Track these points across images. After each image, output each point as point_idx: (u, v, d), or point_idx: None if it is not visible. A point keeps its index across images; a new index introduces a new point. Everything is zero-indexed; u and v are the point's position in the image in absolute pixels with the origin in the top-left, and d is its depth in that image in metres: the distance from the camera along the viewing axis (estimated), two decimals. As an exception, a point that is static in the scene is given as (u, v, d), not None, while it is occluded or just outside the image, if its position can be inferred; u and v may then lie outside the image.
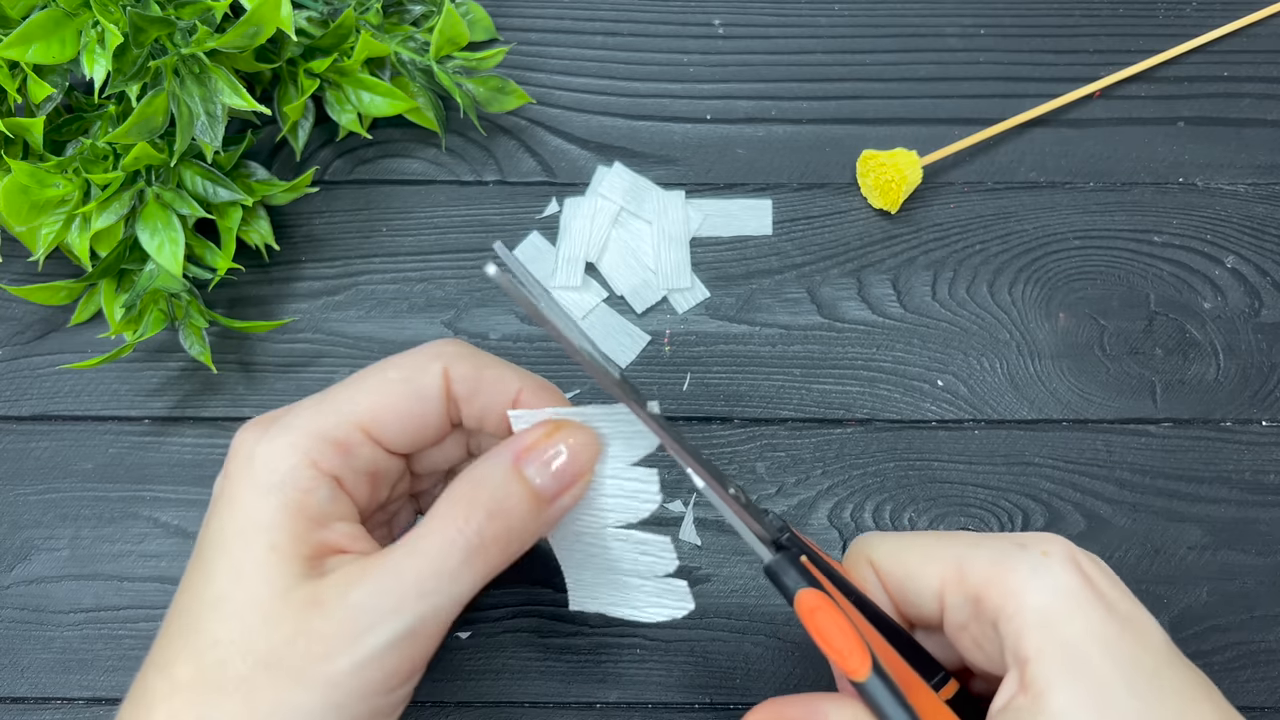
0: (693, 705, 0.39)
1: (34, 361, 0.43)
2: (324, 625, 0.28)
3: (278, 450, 0.29)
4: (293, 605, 0.28)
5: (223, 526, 0.29)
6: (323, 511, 0.29)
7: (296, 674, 0.27)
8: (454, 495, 0.29)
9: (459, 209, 0.46)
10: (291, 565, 0.28)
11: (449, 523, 0.29)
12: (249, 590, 0.28)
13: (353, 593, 0.28)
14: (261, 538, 0.28)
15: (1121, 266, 0.45)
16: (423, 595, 0.28)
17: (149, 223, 0.40)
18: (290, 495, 0.29)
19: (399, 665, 0.28)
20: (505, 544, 0.29)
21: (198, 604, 0.29)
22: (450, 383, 0.31)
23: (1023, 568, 0.28)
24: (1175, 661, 0.27)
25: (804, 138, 0.47)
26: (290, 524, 0.29)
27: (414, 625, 0.28)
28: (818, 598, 0.29)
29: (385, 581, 0.28)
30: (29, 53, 0.37)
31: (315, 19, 0.44)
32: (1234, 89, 0.48)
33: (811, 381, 0.43)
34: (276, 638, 0.28)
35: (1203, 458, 0.42)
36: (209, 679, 0.28)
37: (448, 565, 0.28)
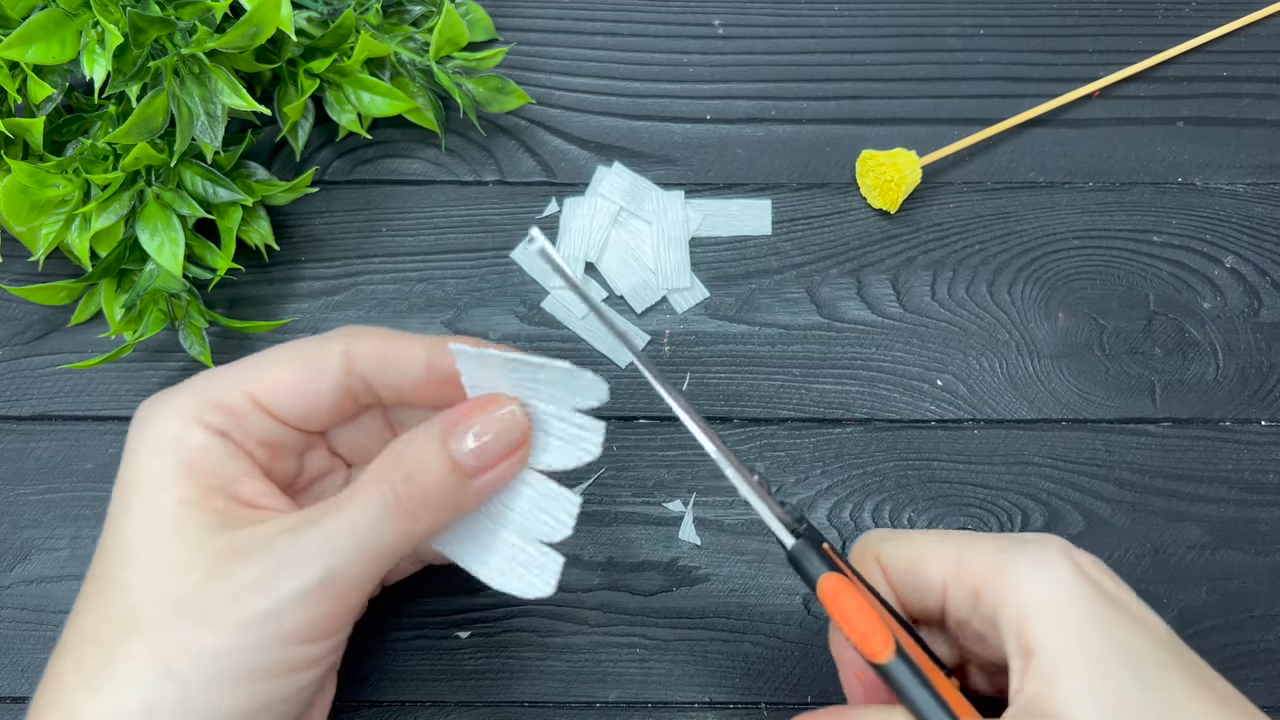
0: (692, 705, 0.39)
1: (34, 361, 0.43)
2: (238, 570, 0.28)
3: (167, 411, 0.30)
4: (207, 554, 0.28)
5: (126, 485, 0.29)
6: (223, 469, 0.30)
7: (205, 616, 0.27)
8: (383, 455, 0.30)
9: (459, 209, 0.46)
10: (204, 517, 0.29)
11: (368, 482, 0.29)
12: (160, 540, 0.28)
13: (272, 541, 0.28)
14: (169, 492, 0.29)
15: (1121, 266, 0.45)
16: (336, 548, 0.28)
17: (149, 223, 0.40)
18: (184, 453, 0.29)
19: (313, 615, 0.28)
20: (421, 507, 0.30)
21: (109, 557, 0.29)
22: (353, 360, 0.31)
23: (1021, 562, 0.28)
24: (1178, 648, 0.28)
25: (804, 138, 0.47)
26: (193, 479, 0.29)
27: (325, 575, 0.28)
28: (841, 581, 0.29)
29: (301, 532, 0.28)
30: (29, 53, 0.37)
31: (315, 19, 0.44)
32: (1233, 89, 0.48)
33: (811, 381, 0.43)
34: (188, 583, 0.28)
35: (1202, 457, 0.42)
36: (117, 624, 0.28)
37: (364, 520, 0.29)
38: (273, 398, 0.31)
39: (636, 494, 0.41)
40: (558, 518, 0.32)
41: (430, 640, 0.39)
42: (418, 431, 0.31)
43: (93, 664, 0.28)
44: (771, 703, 0.39)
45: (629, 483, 0.41)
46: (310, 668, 0.29)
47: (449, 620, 0.40)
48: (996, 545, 0.29)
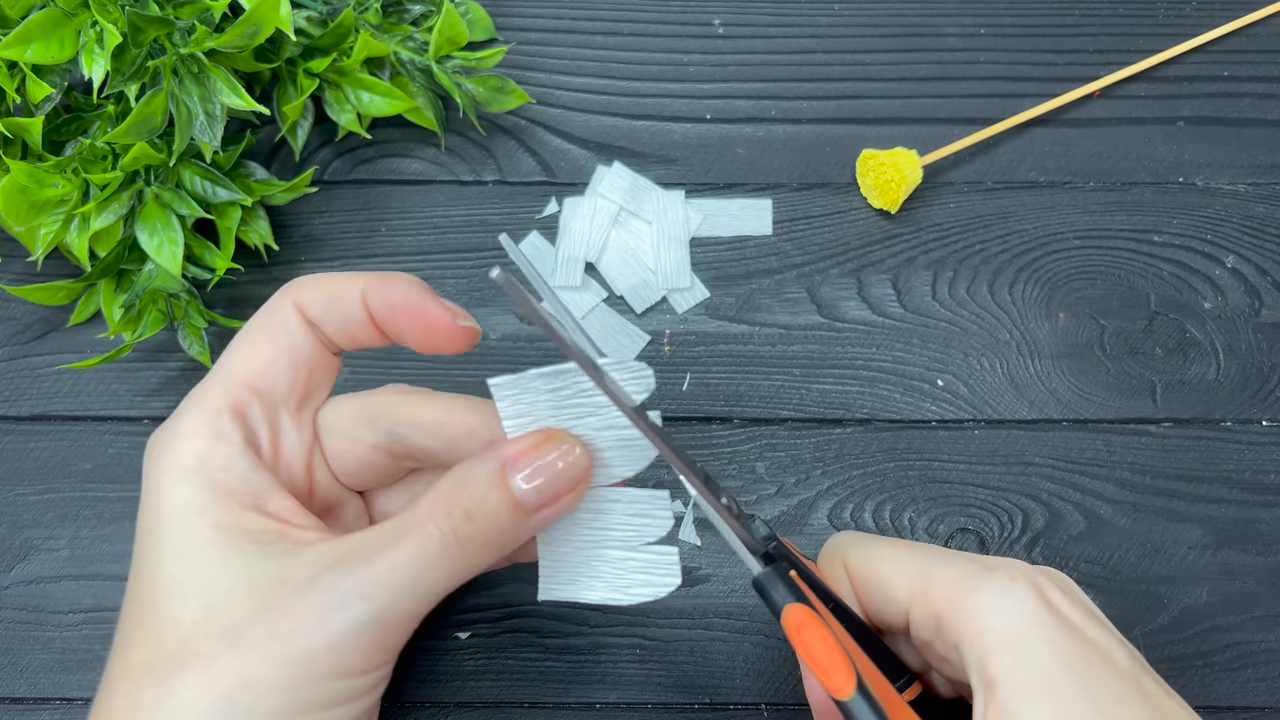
0: (692, 705, 0.39)
1: (33, 361, 0.43)
2: (294, 602, 0.27)
3: (183, 436, 0.29)
4: (255, 583, 0.28)
5: (157, 517, 0.29)
6: (249, 486, 0.29)
7: (263, 648, 0.27)
8: (436, 491, 0.29)
9: (459, 209, 0.46)
10: (241, 543, 0.28)
11: (427, 517, 0.29)
12: (203, 571, 0.28)
13: (324, 574, 0.28)
14: (202, 519, 0.28)
15: (1121, 266, 0.45)
16: (393, 583, 0.28)
17: (148, 223, 0.40)
18: (211, 475, 0.29)
19: (370, 648, 0.28)
20: (480, 547, 0.29)
21: (151, 590, 0.28)
22: (304, 310, 0.31)
23: (985, 592, 0.28)
24: (1144, 682, 0.27)
25: (804, 138, 0.47)
26: (224, 502, 0.29)
27: (383, 611, 0.28)
28: (804, 613, 0.29)
29: (356, 565, 0.28)
30: (28, 53, 0.37)
31: (314, 19, 0.44)
32: (1234, 89, 0.48)
33: (811, 381, 0.43)
34: (240, 615, 0.27)
35: (1203, 457, 0.42)
36: (170, 657, 0.27)
37: (420, 557, 0.28)
38: (262, 377, 0.31)
39: (636, 494, 0.41)
40: (654, 516, 0.32)
41: (430, 640, 0.39)
42: (476, 465, 0.30)
43: (149, 696, 0.27)
44: (772, 703, 0.39)
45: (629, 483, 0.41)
46: (363, 697, 0.29)
47: (449, 620, 0.39)
48: (962, 571, 0.29)
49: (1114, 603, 0.40)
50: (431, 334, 0.31)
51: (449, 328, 0.31)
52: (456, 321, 0.31)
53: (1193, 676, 0.39)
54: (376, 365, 0.43)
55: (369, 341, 0.32)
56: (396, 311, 0.31)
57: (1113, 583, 0.40)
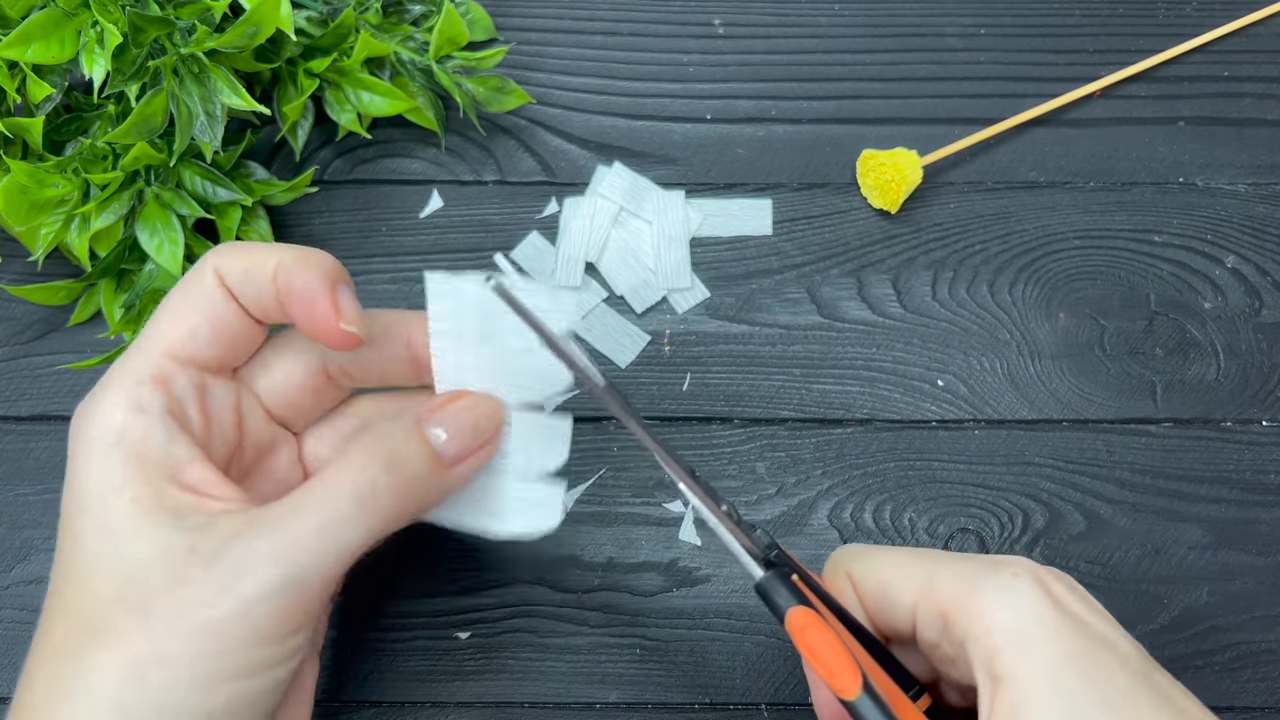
0: (693, 705, 0.39)
1: (33, 361, 0.43)
2: (203, 573, 0.27)
3: (103, 407, 0.29)
4: (167, 556, 0.27)
5: (78, 492, 0.29)
6: (168, 456, 0.29)
7: (173, 622, 0.27)
8: (353, 447, 0.29)
9: (458, 209, 0.46)
10: (159, 517, 0.28)
11: (342, 472, 0.29)
12: (121, 545, 0.28)
13: (233, 541, 0.28)
14: (120, 495, 0.28)
15: (1122, 266, 0.45)
16: (305, 545, 0.28)
17: (148, 223, 0.40)
18: (130, 448, 0.29)
19: (285, 613, 0.28)
20: (399, 498, 0.29)
21: (71, 567, 0.28)
22: (224, 278, 0.31)
23: (990, 589, 0.28)
24: (1151, 675, 0.27)
25: (804, 138, 0.47)
26: (142, 475, 0.28)
27: (298, 573, 0.27)
28: (808, 616, 0.29)
29: (269, 529, 0.28)
30: (28, 52, 0.37)
31: (314, 19, 0.44)
32: (1234, 89, 0.48)
33: (811, 381, 0.43)
34: (151, 588, 0.27)
35: (1203, 458, 0.42)
36: (87, 633, 0.27)
37: (334, 515, 0.28)
38: (185, 346, 0.30)
39: (636, 494, 0.41)
40: (553, 445, 0.31)
41: (430, 640, 0.39)
42: (394, 421, 0.30)
43: (65, 674, 0.27)
44: (772, 703, 0.39)
45: (629, 483, 0.41)
46: (285, 662, 0.29)
47: (449, 620, 0.39)
48: (965, 570, 0.29)
49: (1114, 603, 0.40)
50: (315, 329, 0.31)
51: (331, 327, 0.30)
52: (339, 324, 0.30)
53: (1193, 676, 0.39)
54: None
55: (282, 320, 0.32)
56: (292, 296, 0.30)
57: (1113, 583, 0.40)
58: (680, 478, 0.30)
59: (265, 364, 0.33)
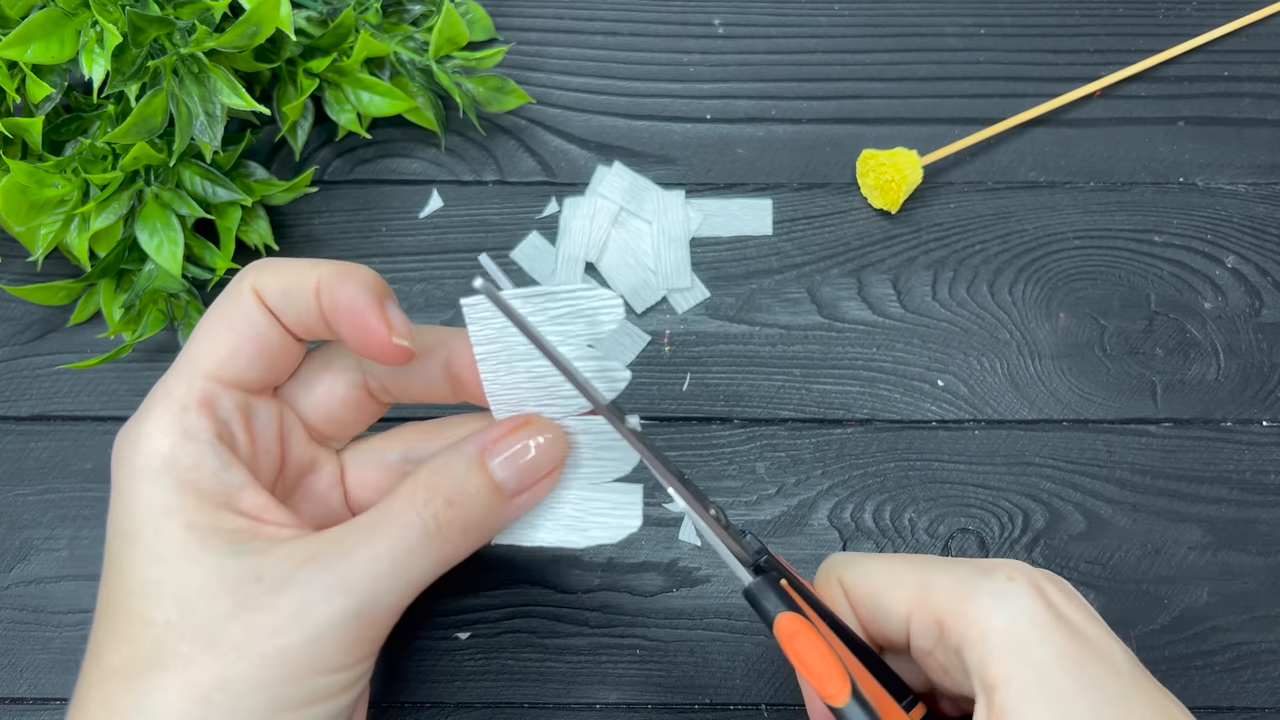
0: (693, 706, 0.39)
1: (33, 362, 0.43)
2: (273, 600, 0.27)
3: (150, 434, 0.29)
4: (229, 582, 0.27)
5: (129, 519, 0.28)
6: (220, 483, 0.29)
7: (241, 648, 0.27)
8: (415, 480, 0.29)
9: (458, 209, 0.46)
10: (214, 543, 0.28)
11: (406, 506, 0.29)
12: (177, 572, 0.27)
13: (301, 569, 0.27)
14: (173, 520, 0.28)
15: (1122, 266, 0.45)
16: (374, 576, 0.28)
17: (148, 223, 0.40)
18: (181, 475, 0.28)
19: (352, 643, 0.28)
20: (462, 533, 0.29)
21: (124, 593, 0.28)
22: (264, 297, 0.30)
23: (985, 594, 0.28)
24: (1141, 683, 0.27)
25: (804, 137, 0.47)
26: (195, 502, 0.28)
27: (364, 605, 0.27)
28: (797, 622, 0.29)
29: (335, 559, 0.28)
30: (28, 52, 0.37)
31: (314, 18, 0.44)
32: (1234, 89, 0.48)
33: (811, 381, 0.43)
34: (216, 614, 0.27)
35: (1203, 458, 0.42)
36: (145, 660, 0.27)
37: (401, 548, 0.28)
38: (227, 367, 0.30)
39: (637, 494, 0.41)
40: (620, 450, 0.31)
41: (430, 640, 0.39)
42: (454, 452, 0.30)
43: (124, 701, 0.27)
44: (772, 704, 0.39)
45: (629, 483, 0.41)
46: (349, 689, 0.29)
47: (449, 620, 0.39)
48: (960, 576, 0.29)
49: (1114, 603, 0.40)
50: (366, 344, 0.30)
51: (383, 342, 0.30)
52: (392, 339, 0.30)
53: (1193, 677, 0.39)
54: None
55: (326, 336, 0.31)
56: (339, 313, 0.30)
57: (1113, 583, 0.40)
58: (669, 481, 0.29)
59: (306, 381, 0.33)
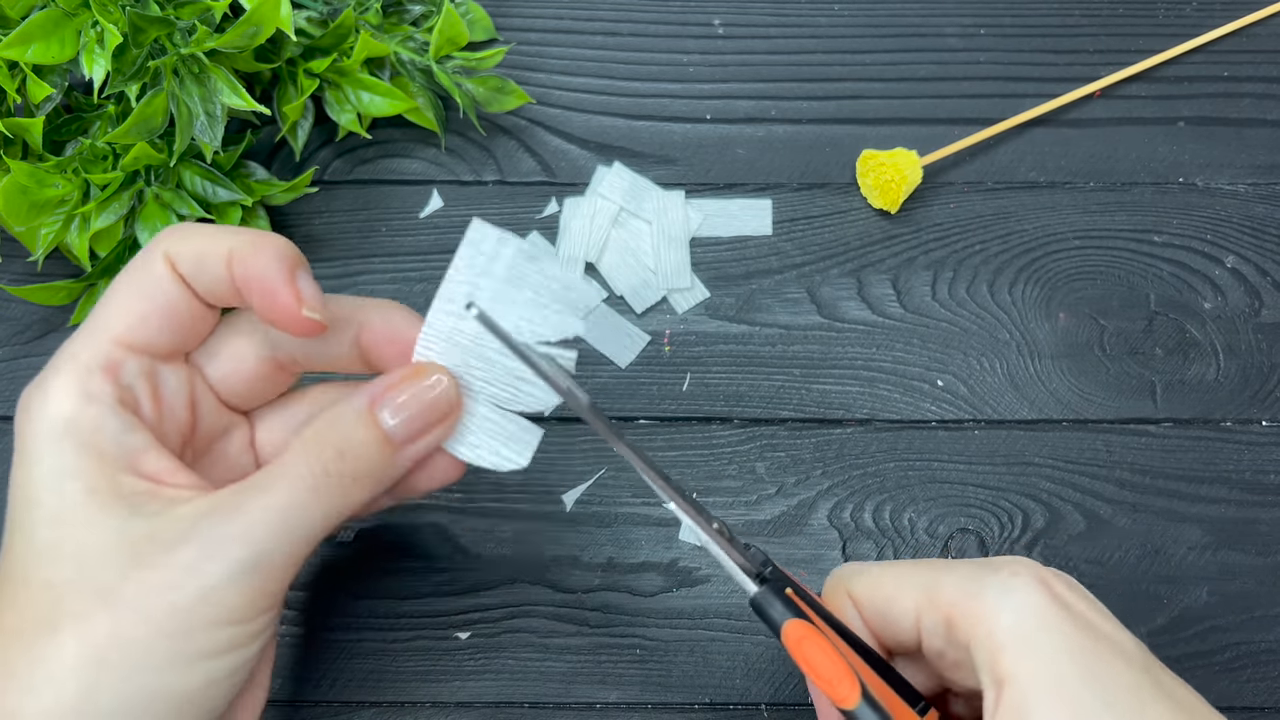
0: (693, 705, 0.39)
1: (33, 361, 0.43)
2: (166, 557, 0.27)
3: (53, 395, 0.29)
4: (127, 542, 0.27)
5: (29, 481, 0.28)
6: (122, 446, 0.29)
7: (136, 606, 0.27)
8: (305, 433, 0.30)
9: (458, 209, 0.46)
10: (114, 505, 0.28)
11: (296, 458, 0.29)
12: (75, 534, 0.27)
13: (195, 526, 0.28)
14: (75, 484, 0.28)
15: (1121, 266, 0.45)
16: (267, 527, 0.28)
17: (148, 223, 0.40)
18: (82, 438, 0.28)
19: (247, 597, 0.28)
20: (352, 483, 0.29)
21: (23, 555, 0.28)
22: (176, 263, 0.30)
23: (991, 590, 0.28)
24: (1153, 671, 0.27)
25: (804, 138, 0.47)
26: (96, 465, 0.28)
27: (258, 557, 0.28)
28: (804, 628, 0.29)
29: (228, 514, 0.28)
30: (28, 53, 0.37)
31: (315, 19, 0.44)
32: (1234, 89, 0.48)
33: (811, 381, 0.43)
34: (111, 574, 0.27)
35: (1203, 458, 0.42)
36: (42, 621, 0.27)
37: (293, 499, 0.28)
38: (135, 332, 0.30)
39: (636, 494, 0.41)
40: (537, 385, 0.31)
41: (430, 640, 0.39)
42: (344, 404, 0.30)
43: (23, 663, 0.27)
44: (772, 704, 0.39)
45: (629, 483, 0.41)
46: (248, 644, 0.29)
47: (449, 620, 0.39)
48: (967, 574, 0.29)
49: (1114, 603, 0.40)
50: (275, 315, 0.30)
51: (292, 314, 0.30)
52: (302, 311, 0.30)
53: (1193, 676, 0.39)
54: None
55: (237, 304, 0.31)
56: (250, 282, 0.30)
57: (1113, 583, 0.40)
58: (670, 497, 0.29)
59: (214, 349, 0.33)
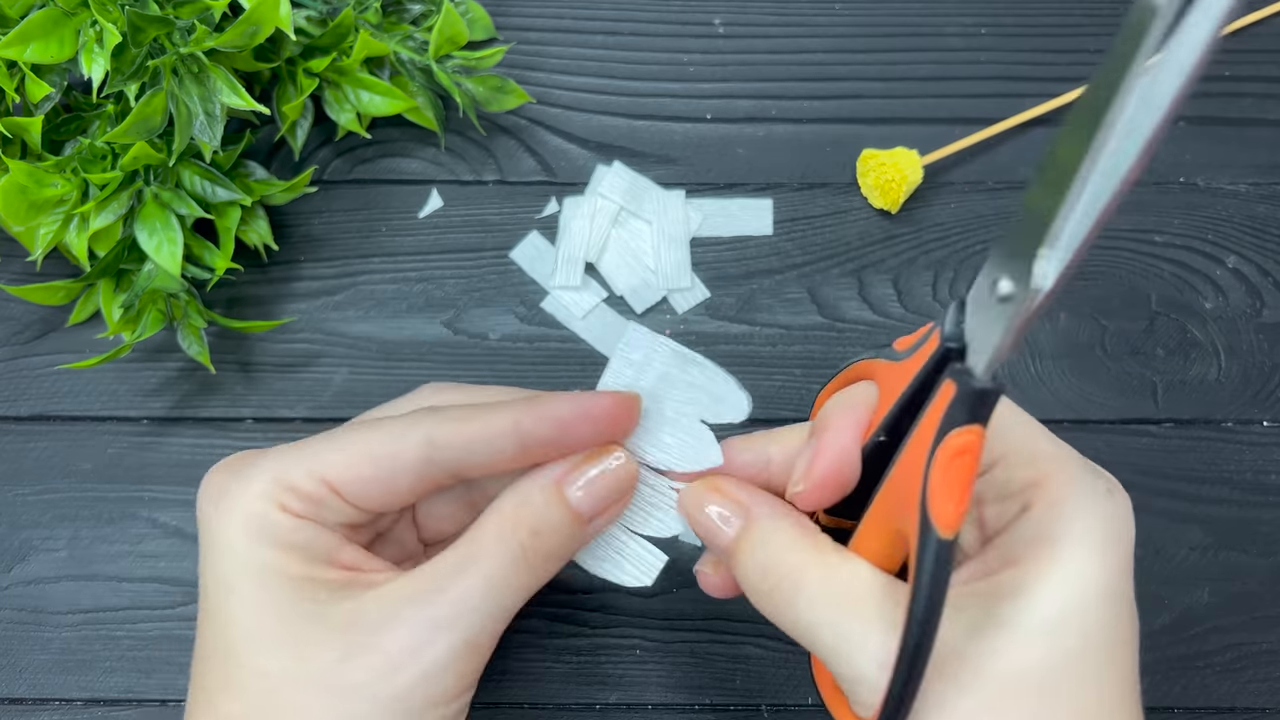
0: (693, 706, 0.39)
1: (32, 362, 0.43)
2: (380, 640, 0.28)
3: (252, 495, 0.29)
4: (337, 627, 0.28)
5: (227, 570, 0.29)
6: (318, 544, 0.29)
7: (358, 692, 0.27)
8: (499, 513, 0.30)
9: (458, 209, 0.46)
10: (315, 592, 0.28)
11: (495, 538, 0.29)
12: (281, 621, 0.28)
13: (404, 608, 0.28)
14: (272, 573, 0.28)
15: (1122, 266, 0.45)
16: (475, 608, 0.29)
17: (147, 222, 0.40)
18: (279, 534, 0.29)
19: (458, 676, 0.29)
20: (546, 559, 0.30)
21: (227, 643, 0.28)
22: (435, 450, 0.30)
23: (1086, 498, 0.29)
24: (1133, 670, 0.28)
25: (804, 137, 0.47)
26: (295, 557, 0.29)
27: (469, 636, 0.28)
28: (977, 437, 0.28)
29: (435, 594, 0.28)
30: (27, 52, 0.37)
31: (314, 18, 0.44)
32: (1235, 89, 0.48)
33: (811, 381, 0.43)
34: (328, 660, 0.28)
35: (1204, 458, 0.42)
36: (263, 709, 0.27)
37: (496, 578, 0.29)
38: (350, 488, 0.30)
39: (637, 495, 0.41)
40: (666, 512, 0.32)
41: (430, 641, 0.39)
42: (531, 483, 0.30)
43: None
44: (773, 705, 0.39)
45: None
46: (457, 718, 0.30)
47: (448, 621, 0.39)
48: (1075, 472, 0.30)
49: (1115, 603, 0.40)
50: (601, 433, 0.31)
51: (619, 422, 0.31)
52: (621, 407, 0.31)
53: (1193, 677, 0.39)
54: (377, 365, 0.43)
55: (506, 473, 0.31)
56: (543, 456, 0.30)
57: (1113, 583, 0.40)
58: None
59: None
